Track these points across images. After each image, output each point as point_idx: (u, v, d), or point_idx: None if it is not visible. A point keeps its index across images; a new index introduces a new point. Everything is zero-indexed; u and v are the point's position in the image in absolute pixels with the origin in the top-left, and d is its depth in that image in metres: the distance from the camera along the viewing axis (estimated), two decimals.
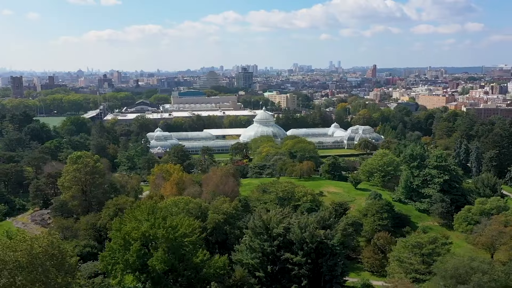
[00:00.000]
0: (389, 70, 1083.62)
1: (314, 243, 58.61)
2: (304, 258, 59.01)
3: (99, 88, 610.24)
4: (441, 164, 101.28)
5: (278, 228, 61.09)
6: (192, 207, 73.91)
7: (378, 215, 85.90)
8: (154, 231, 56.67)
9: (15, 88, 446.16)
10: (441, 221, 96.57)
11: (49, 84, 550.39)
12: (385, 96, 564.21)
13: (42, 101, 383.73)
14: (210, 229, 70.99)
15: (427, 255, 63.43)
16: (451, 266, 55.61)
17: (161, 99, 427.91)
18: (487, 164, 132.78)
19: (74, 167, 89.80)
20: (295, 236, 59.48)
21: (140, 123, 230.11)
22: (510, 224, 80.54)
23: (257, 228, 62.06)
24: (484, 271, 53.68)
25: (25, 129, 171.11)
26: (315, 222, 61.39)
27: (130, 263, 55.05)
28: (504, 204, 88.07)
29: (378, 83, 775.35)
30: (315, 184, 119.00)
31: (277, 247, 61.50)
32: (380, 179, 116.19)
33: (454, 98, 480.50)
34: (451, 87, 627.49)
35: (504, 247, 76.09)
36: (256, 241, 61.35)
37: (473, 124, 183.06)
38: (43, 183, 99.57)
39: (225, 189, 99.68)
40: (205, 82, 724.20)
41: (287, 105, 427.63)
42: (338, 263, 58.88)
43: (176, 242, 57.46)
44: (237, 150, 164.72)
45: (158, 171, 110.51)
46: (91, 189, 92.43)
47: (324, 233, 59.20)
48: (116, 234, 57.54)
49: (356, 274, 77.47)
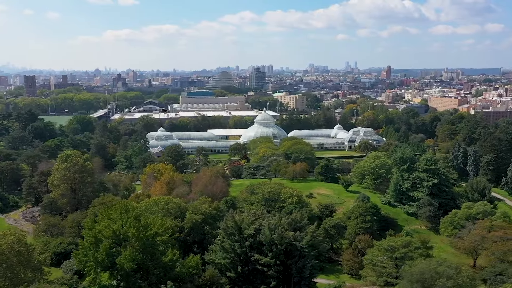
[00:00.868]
0: (405, 71, 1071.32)
1: (283, 244, 59.00)
2: (273, 260, 59.42)
3: (113, 87, 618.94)
4: (430, 168, 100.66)
5: (249, 229, 61.59)
6: (172, 207, 74.98)
7: (361, 217, 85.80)
8: (124, 230, 57.79)
9: (28, 87, 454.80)
10: (429, 225, 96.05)
11: (63, 83, 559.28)
12: (397, 97, 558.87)
13: (54, 100, 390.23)
14: (188, 229, 71.88)
15: (400, 258, 63.35)
16: (417, 270, 55.58)
17: (170, 99, 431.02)
18: (484, 168, 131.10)
19: (63, 165, 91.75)
20: (264, 238, 59.97)
21: (144, 123, 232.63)
22: (494, 229, 79.84)
23: (229, 229, 62.68)
24: (449, 276, 53.50)
25: (28, 127, 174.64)
26: (286, 224, 61.74)
27: (99, 261, 56.24)
28: (490, 209, 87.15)
29: (392, 84, 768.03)
30: (306, 185, 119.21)
31: (248, 247, 62.02)
32: (372, 181, 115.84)
33: (466, 100, 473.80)
34: (466, 89, 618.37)
35: (485, 252, 75.51)
36: (227, 242, 61.99)
37: (476, 127, 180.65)
38: (36, 181, 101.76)
39: (213, 190, 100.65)
40: (217, 82, 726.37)
41: (296, 106, 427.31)
42: (307, 265, 59.14)
43: (146, 241, 58.55)
44: (236, 151, 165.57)
45: (150, 171, 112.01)
46: (80, 188, 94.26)
47: (293, 235, 59.56)
48: (88, 233, 58.86)
49: (335, 276, 77.69)
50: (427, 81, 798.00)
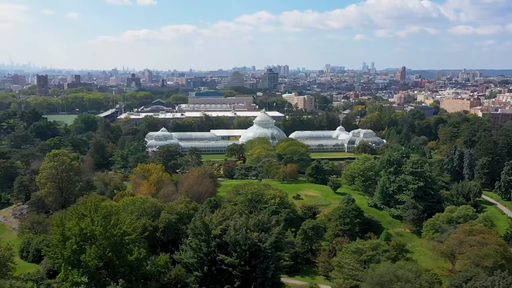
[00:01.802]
0: (422, 72, 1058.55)
1: (246, 245, 59.58)
2: (237, 260, 60.05)
3: (127, 87, 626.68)
4: (416, 170, 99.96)
5: (216, 229, 62.35)
6: (148, 206, 76.24)
7: (341, 219, 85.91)
8: (91, 228, 59.06)
9: (40, 86, 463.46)
10: (413, 228, 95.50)
11: (75, 83, 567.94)
12: (409, 99, 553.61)
13: (65, 99, 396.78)
14: (162, 228, 72.99)
15: (367, 261, 63.37)
16: (377, 273, 55.72)
17: (179, 99, 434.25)
18: (479, 171, 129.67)
19: (51, 164, 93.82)
20: (229, 238, 60.64)
21: (148, 123, 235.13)
22: (473, 234, 79.15)
23: (196, 229, 63.52)
24: (408, 280, 53.53)
25: (31, 126, 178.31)
26: (252, 225, 62.31)
27: (66, 258, 57.61)
28: (472, 213, 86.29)
29: (406, 85, 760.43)
30: (296, 187, 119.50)
31: (216, 247, 62.77)
32: (361, 183, 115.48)
33: (479, 102, 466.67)
34: (480, 91, 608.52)
35: (461, 256, 74.96)
36: (195, 242, 62.86)
37: (477, 130, 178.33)
38: (27, 179, 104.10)
39: (199, 190, 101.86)
40: (229, 82, 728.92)
41: (304, 106, 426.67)
42: (270, 266, 59.56)
43: (114, 240, 59.80)
44: (233, 151, 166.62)
45: (139, 170, 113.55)
46: (68, 186, 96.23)
47: (257, 236, 60.09)
48: (56, 230, 60.31)
49: (310, 278, 78.13)
50: (442, 83, 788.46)
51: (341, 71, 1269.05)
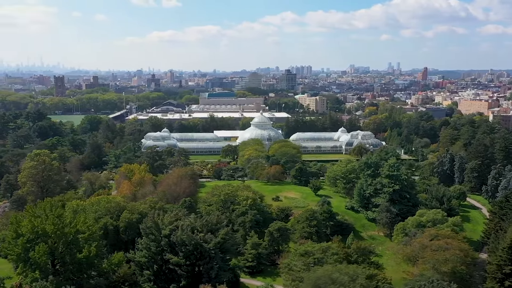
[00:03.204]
0: (449, 73, 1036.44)
1: (191, 245, 60.82)
2: (183, 260, 61.38)
3: (147, 88, 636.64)
4: (393, 174, 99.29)
5: (166, 229, 63.82)
6: (112, 206, 78.21)
7: (308, 222, 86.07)
8: (42, 226, 61.28)
9: (57, 87, 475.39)
10: (386, 231, 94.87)
11: (93, 83, 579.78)
12: (427, 100, 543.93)
13: (79, 100, 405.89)
14: (123, 227, 74.81)
15: (314, 263, 63.66)
16: (314, 276, 56.12)
17: (191, 99, 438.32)
18: (469, 174, 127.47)
19: (31, 164, 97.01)
20: (176, 238, 61.97)
21: (152, 123, 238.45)
22: (438, 238, 78.38)
23: (147, 229, 65.09)
24: (342, 283, 53.83)
25: (33, 126, 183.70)
26: (199, 226, 63.49)
27: (16, 254, 60.05)
28: (442, 218, 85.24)
29: (426, 86, 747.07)
30: (277, 188, 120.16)
31: (167, 247, 64.22)
32: (342, 186, 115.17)
33: (497, 104, 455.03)
34: (502, 92, 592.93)
35: (421, 260, 74.29)
36: (145, 241, 64.40)
37: (476, 133, 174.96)
38: (13, 178, 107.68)
39: (177, 190, 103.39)
40: (247, 83, 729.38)
41: (316, 107, 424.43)
42: (214, 266, 60.66)
43: (65, 238, 61.89)
44: (227, 152, 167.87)
45: (123, 170, 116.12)
46: (49, 185, 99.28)
47: (202, 237, 61.23)
48: (11, 228, 62.84)
49: (272, 279, 78.59)
50: (464, 83, 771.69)
51: (365, 71, 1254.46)
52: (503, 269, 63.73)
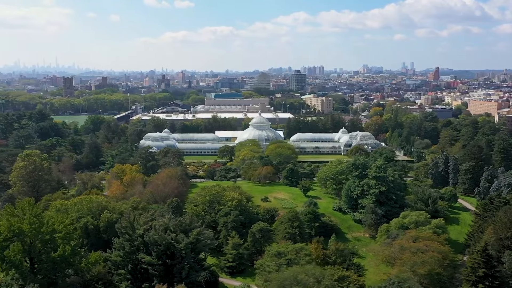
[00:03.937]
0: (463, 73, 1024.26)
1: (162, 245, 61.62)
2: (155, 259, 62.21)
3: (158, 88, 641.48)
4: (379, 175, 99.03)
5: (140, 229, 64.73)
6: (93, 206, 79.40)
7: (290, 223, 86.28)
8: (19, 225, 62.59)
9: (66, 88, 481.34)
10: (371, 232, 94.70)
11: (102, 84, 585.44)
12: (437, 100, 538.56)
13: (87, 100, 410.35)
14: (103, 227, 75.91)
15: (286, 264, 64.01)
16: (280, 276, 56.51)
17: (198, 100, 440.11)
18: (462, 176, 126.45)
19: (21, 164, 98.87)
20: (148, 238, 62.83)
21: (154, 124, 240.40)
22: (418, 240, 78.13)
23: (122, 229, 66.05)
24: (306, 284, 54.15)
25: (35, 126, 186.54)
26: (172, 226, 64.24)
27: None
28: (424, 220, 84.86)
29: (437, 86, 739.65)
30: (268, 189, 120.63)
31: (141, 246, 65.13)
32: (332, 187, 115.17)
33: (508, 104, 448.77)
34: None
35: (399, 262, 74.12)
36: (119, 240, 65.37)
37: (475, 134, 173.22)
38: (6, 178, 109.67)
39: (165, 190, 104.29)
40: (255, 83, 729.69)
41: (322, 108, 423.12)
42: (185, 266, 61.34)
43: (41, 237, 63.14)
44: (224, 153, 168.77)
45: (115, 171, 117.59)
46: (39, 185, 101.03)
47: (172, 237, 61.98)
48: None
49: (251, 279, 79.06)
50: (476, 83, 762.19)
51: (378, 71, 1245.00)
52: (477, 272, 63.39)
